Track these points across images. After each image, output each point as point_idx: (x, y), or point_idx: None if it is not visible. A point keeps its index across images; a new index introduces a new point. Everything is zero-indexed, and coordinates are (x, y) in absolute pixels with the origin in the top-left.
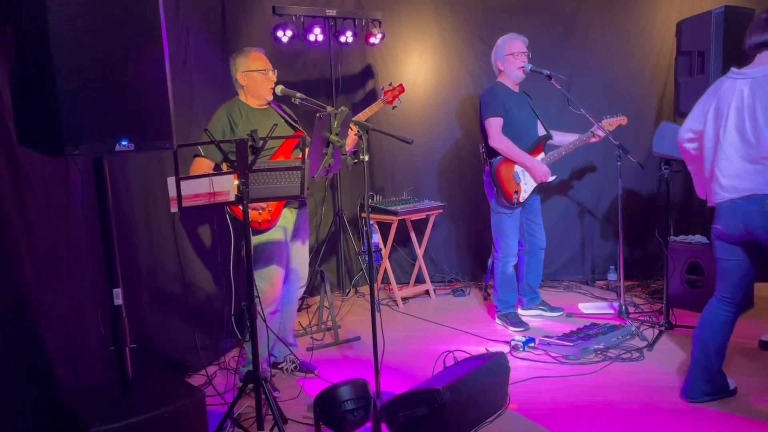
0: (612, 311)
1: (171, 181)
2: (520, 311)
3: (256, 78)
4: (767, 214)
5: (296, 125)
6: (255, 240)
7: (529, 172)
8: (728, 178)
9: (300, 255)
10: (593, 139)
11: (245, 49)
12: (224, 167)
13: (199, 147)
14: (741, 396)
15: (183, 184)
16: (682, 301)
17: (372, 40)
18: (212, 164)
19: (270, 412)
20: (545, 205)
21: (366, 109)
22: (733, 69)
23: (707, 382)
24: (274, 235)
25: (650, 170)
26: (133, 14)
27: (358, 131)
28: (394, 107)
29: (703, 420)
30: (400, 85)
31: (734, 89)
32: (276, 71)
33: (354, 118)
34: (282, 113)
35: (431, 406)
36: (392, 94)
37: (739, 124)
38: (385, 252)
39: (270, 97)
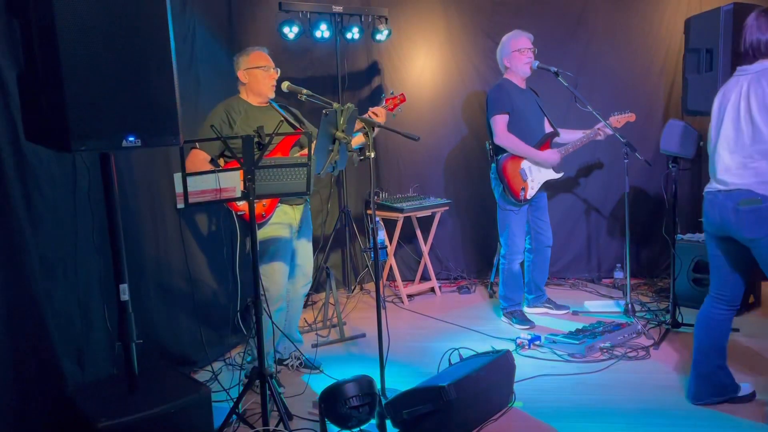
0: (618, 309)
1: (177, 177)
2: (525, 309)
3: (257, 75)
4: (739, 213)
5: (297, 124)
6: (260, 236)
7: (541, 164)
8: (720, 172)
9: (305, 252)
10: (599, 137)
11: (248, 49)
12: (221, 162)
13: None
14: (759, 401)
15: (189, 180)
16: (688, 300)
17: (378, 36)
18: (208, 156)
19: (275, 408)
20: (552, 202)
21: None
22: (738, 67)
23: (708, 381)
24: (278, 231)
25: (657, 168)
26: (140, 10)
27: (363, 127)
28: (394, 115)
29: (711, 420)
30: (402, 94)
31: (737, 85)
32: (278, 69)
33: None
34: (281, 112)
35: (436, 403)
36: (393, 102)
37: (734, 117)
38: (390, 249)
39: (271, 95)
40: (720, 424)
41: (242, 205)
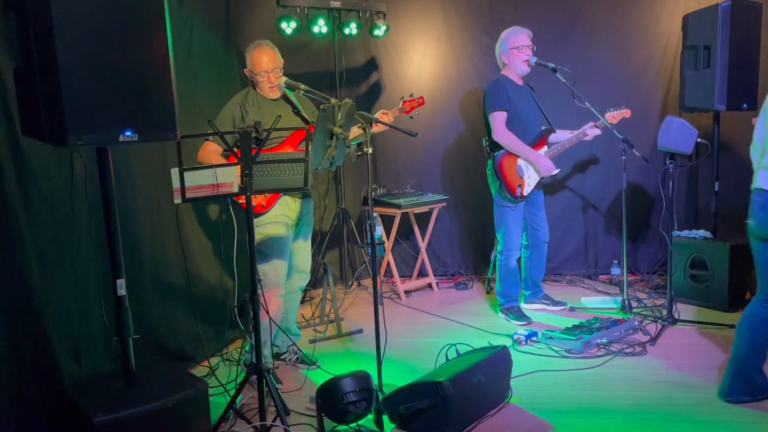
0: (615, 306)
1: (174, 172)
2: (522, 305)
3: (258, 80)
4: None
5: (307, 117)
6: (258, 235)
7: (534, 167)
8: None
9: (303, 252)
10: (586, 137)
11: (254, 44)
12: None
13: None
14: None
15: (186, 175)
16: (685, 296)
17: (376, 32)
18: (220, 149)
19: (272, 403)
20: (549, 199)
21: (383, 115)
22: None
23: (744, 380)
24: (276, 230)
25: (655, 164)
26: (137, 5)
27: (361, 122)
28: (411, 118)
29: (709, 416)
30: (421, 97)
31: None
32: (282, 61)
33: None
34: (296, 105)
35: (433, 398)
36: (410, 105)
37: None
38: (388, 245)
39: (273, 95)
40: (718, 420)
41: None
